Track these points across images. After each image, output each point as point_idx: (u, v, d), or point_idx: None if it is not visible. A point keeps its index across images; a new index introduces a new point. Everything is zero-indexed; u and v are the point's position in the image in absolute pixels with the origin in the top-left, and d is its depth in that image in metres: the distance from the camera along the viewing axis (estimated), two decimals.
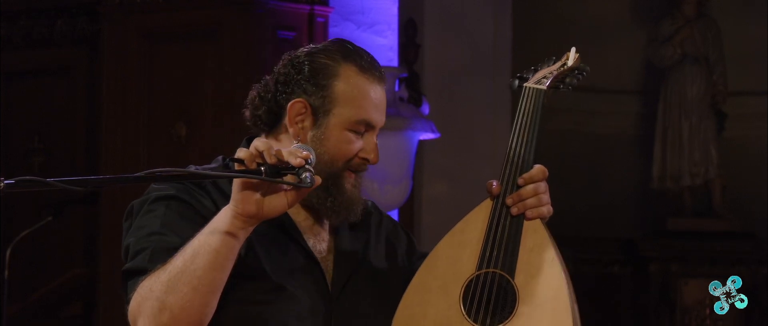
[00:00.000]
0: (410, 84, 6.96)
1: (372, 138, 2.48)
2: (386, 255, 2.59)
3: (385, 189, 6.31)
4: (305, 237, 2.49)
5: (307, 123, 2.45)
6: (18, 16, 7.10)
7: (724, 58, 9.06)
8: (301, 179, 2.28)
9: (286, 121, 2.46)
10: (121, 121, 6.53)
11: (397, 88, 6.64)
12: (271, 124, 2.49)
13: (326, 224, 2.54)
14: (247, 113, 2.52)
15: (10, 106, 7.07)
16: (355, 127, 2.45)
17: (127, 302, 2.35)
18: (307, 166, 2.29)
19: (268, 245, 2.42)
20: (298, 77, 2.46)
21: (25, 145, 7.05)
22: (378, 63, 2.50)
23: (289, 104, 2.45)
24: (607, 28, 9.45)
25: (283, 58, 2.51)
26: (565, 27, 9.01)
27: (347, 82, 2.45)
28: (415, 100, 6.81)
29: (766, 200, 8.98)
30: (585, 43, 9.04)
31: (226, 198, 2.38)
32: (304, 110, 2.45)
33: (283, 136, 2.48)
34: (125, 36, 6.54)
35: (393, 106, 6.51)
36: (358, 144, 2.47)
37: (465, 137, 6.88)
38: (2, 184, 2.06)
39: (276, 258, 2.43)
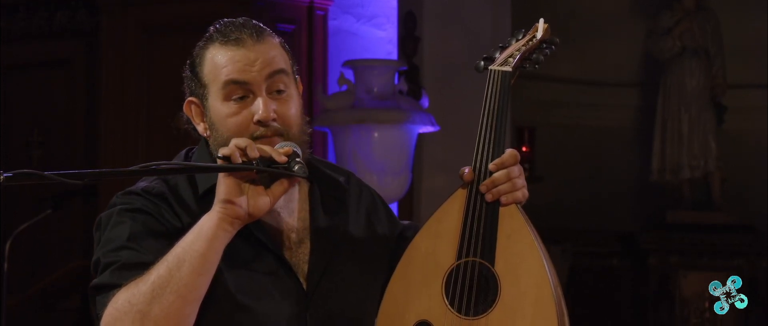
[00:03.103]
0: (410, 77, 6.96)
1: (257, 97, 2.37)
2: (365, 233, 2.54)
3: (384, 182, 6.31)
4: (272, 234, 2.43)
5: (203, 116, 2.43)
6: (17, 8, 7.10)
7: (723, 50, 9.07)
8: (294, 170, 2.28)
9: (194, 123, 2.46)
10: (120, 114, 6.52)
11: (396, 81, 6.64)
12: (196, 130, 2.48)
13: (296, 214, 2.47)
14: (185, 125, 2.51)
15: (9, 99, 7.07)
16: (227, 94, 2.37)
17: (98, 318, 2.31)
18: (297, 160, 2.29)
19: (231, 257, 2.36)
20: (185, 78, 2.46)
21: (24, 137, 7.05)
22: (251, 25, 2.41)
23: (184, 107, 2.46)
24: (606, 21, 9.45)
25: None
26: (565, 20, 9.01)
27: (211, 58, 2.40)
28: (415, 93, 6.81)
29: (766, 193, 8.98)
30: (584, 36, 9.10)
31: (187, 210, 2.39)
32: (196, 108, 2.44)
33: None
34: (124, 29, 6.54)
35: (392, 99, 6.51)
36: (246, 111, 2.37)
37: (464, 130, 6.86)
38: (1, 177, 2.06)
39: (240, 270, 2.38)
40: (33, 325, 6.77)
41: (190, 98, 2.45)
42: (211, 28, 2.45)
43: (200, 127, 2.45)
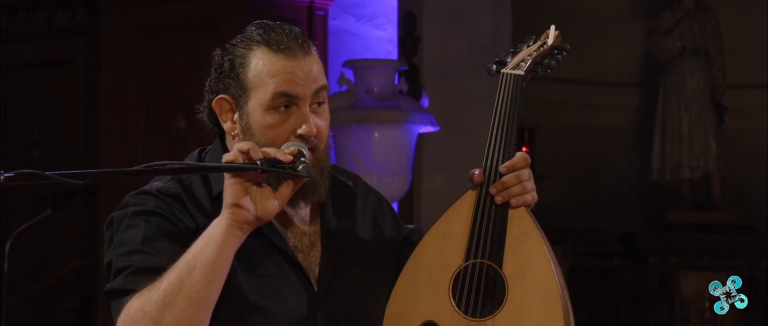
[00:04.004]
0: (410, 77, 6.95)
1: (303, 111, 2.37)
2: (373, 237, 2.54)
3: (384, 182, 6.31)
4: (285, 236, 2.43)
5: (235, 116, 2.41)
6: (17, 8, 7.10)
7: (723, 50, 9.07)
8: (298, 170, 2.28)
9: (220, 120, 2.44)
10: (121, 114, 6.52)
11: (396, 81, 6.64)
12: (217, 125, 2.46)
13: (307, 217, 2.48)
14: (204, 118, 2.49)
15: (9, 99, 7.07)
16: (273, 104, 2.37)
17: (113, 323, 2.31)
18: (302, 160, 2.29)
19: (244, 258, 2.35)
20: (220, 74, 2.43)
21: (24, 137, 7.05)
22: (299, 35, 2.40)
23: (214, 103, 2.43)
24: (606, 20, 9.45)
25: (213, 54, 2.47)
26: (565, 20, 8.99)
27: (258, 64, 2.38)
28: (415, 93, 6.81)
29: (766, 192, 8.98)
30: (584, 36, 9.10)
31: (202, 211, 2.38)
32: (228, 106, 2.42)
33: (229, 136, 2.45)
34: (124, 28, 6.54)
35: (392, 99, 6.51)
36: (288, 123, 2.37)
37: (464, 130, 6.87)
38: (2, 177, 2.06)
39: (253, 271, 2.38)
40: (33, 325, 6.77)
41: (223, 95, 2.42)
42: (252, 28, 2.43)
43: (226, 125, 2.44)
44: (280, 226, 2.44)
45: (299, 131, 2.36)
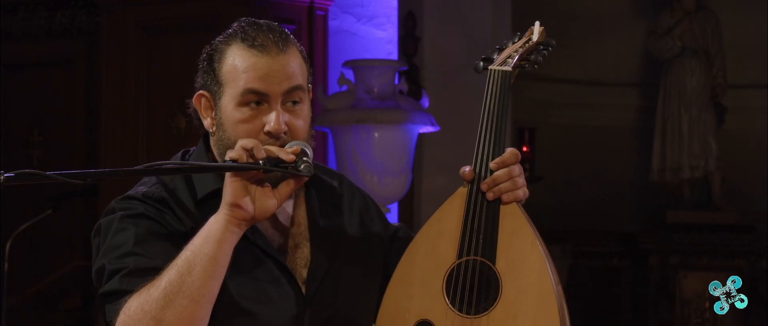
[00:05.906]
0: (410, 77, 6.96)
1: (272, 108, 2.36)
2: (361, 236, 2.54)
3: (384, 182, 6.31)
4: (269, 238, 2.43)
5: (213, 112, 2.42)
6: (17, 8, 7.10)
7: (723, 50, 9.07)
8: (300, 169, 2.28)
9: (201, 116, 2.45)
10: (121, 114, 6.52)
11: (396, 81, 6.64)
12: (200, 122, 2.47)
13: (290, 219, 2.47)
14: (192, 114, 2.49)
15: (9, 99, 7.07)
16: (243, 100, 2.36)
17: (110, 325, 2.30)
18: (304, 159, 2.29)
19: (232, 262, 2.33)
20: (201, 70, 2.44)
21: (24, 137, 7.05)
22: (279, 33, 2.40)
23: (194, 99, 2.45)
24: (606, 20, 9.45)
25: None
26: (565, 20, 9.01)
27: (232, 59, 2.38)
28: (415, 93, 6.81)
29: (766, 192, 8.98)
30: (584, 36, 9.09)
31: (189, 214, 2.38)
32: (207, 102, 2.43)
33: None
34: (124, 28, 6.54)
35: (392, 99, 6.51)
36: (258, 119, 2.37)
37: (464, 130, 6.86)
38: (2, 177, 2.06)
39: (240, 275, 2.37)
40: (33, 325, 6.76)
41: (201, 91, 2.44)
42: (236, 24, 2.43)
43: (207, 122, 2.45)
44: (266, 229, 2.43)
45: (267, 128, 2.36)
